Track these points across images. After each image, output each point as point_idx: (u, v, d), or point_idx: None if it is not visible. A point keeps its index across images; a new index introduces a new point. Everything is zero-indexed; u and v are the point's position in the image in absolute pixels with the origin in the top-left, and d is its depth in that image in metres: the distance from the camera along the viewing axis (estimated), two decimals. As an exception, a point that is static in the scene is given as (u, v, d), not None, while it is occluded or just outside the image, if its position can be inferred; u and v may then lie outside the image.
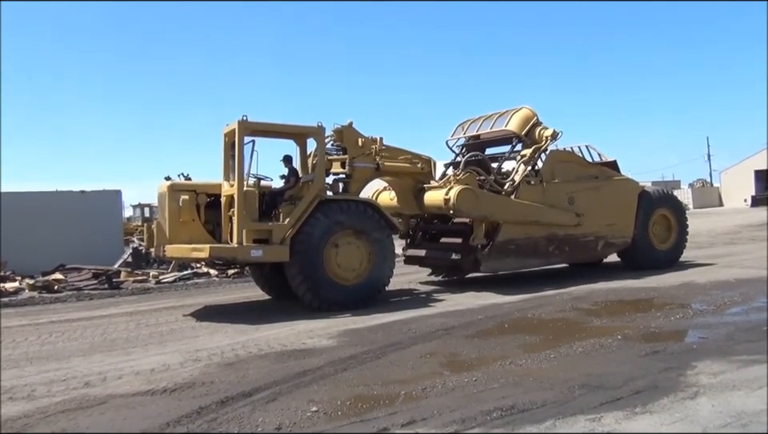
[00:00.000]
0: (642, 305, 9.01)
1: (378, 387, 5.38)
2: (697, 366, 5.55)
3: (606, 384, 5.10)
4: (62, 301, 12.37)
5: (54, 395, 5.54)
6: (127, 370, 6.33)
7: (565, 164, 12.34)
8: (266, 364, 6.36)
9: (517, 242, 11.48)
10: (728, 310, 8.30)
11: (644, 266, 12.68)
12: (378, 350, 6.78)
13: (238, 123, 9.53)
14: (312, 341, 7.43)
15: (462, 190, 10.76)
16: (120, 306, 11.36)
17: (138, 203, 39.74)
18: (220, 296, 12.19)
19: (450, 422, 4.36)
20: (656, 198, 13.40)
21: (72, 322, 9.64)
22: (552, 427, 4.18)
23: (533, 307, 9.20)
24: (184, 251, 9.66)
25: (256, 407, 4.92)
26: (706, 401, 4.57)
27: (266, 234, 9.51)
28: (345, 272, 9.79)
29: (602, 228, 12.42)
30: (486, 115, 13.28)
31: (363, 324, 8.38)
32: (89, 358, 7.02)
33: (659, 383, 5.06)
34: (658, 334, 7.05)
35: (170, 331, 8.50)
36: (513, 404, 4.66)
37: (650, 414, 4.35)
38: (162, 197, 10.05)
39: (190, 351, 7.10)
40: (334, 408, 4.83)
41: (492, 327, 7.89)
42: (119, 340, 8.00)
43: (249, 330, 8.30)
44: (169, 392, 5.47)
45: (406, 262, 12.91)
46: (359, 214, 10.00)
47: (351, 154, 10.68)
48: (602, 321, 7.98)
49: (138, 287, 13.89)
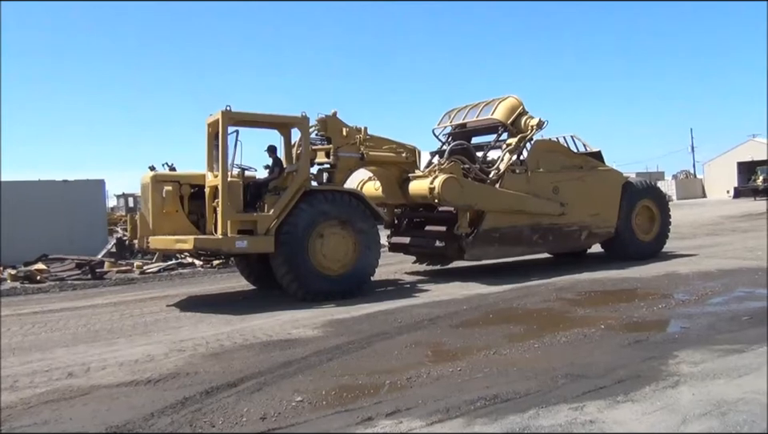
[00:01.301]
0: (625, 295, 9.10)
1: (363, 377, 5.39)
2: (678, 355, 5.62)
3: (588, 373, 5.15)
4: (45, 291, 12.26)
5: (37, 386, 5.50)
6: (111, 360, 6.30)
7: (550, 154, 12.40)
8: (251, 354, 6.36)
9: (501, 230, 11.52)
10: (710, 300, 8.40)
11: (627, 256, 12.79)
12: (363, 340, 6.79)
13: (222, 113, 9.47)
14: (297, 331, 7.43)
15: (447, 180, 10.76)
16: (104, 296, 11.28)
17: (121, 193, 39.34)
18: (205, 286, 12.15)
19: (434, 411, 4.39)
20: (639, 190, 13.51)
21: (55, 312, 9.57)
22: (535, 416, 4.21)
23: (518, 297, 9.26)
24: (168, 243, 9.59)
25: (241, 397, 4.91)
26: (687, 390, 4.63)
27: (250, 225, 9.47)
28: (330, 263, 9.78)
29: (585, 218, 12.51)
30: (473, 104, 13.30)
31: (348, 314, 8.39)
32: (72, 349, 6.97)
33: (641, 373, 5.11)
34: (641, 324, 7.12)
35: (154, 322, 8.46)
36: (497, 394, 4.69)
37: (632, 402, 4.41)
38: (146, 188, 9.97)
39: (175, 342, 7.08)
40: (318, 398, 4.84)
41: (477, 317, 7.93)
42: (103, 331, 7.96)
43: (234, 320, 8.29)
44: (153, 383, 5.45)
45: (390, 249, 12.92)
46: (344, 204, 9.98)
47: (335, 143, 10.66)
48: (586, 311, 8.05)
49: (121, 278, 13.79)
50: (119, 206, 38.69)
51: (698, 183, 65.99)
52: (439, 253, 11.99)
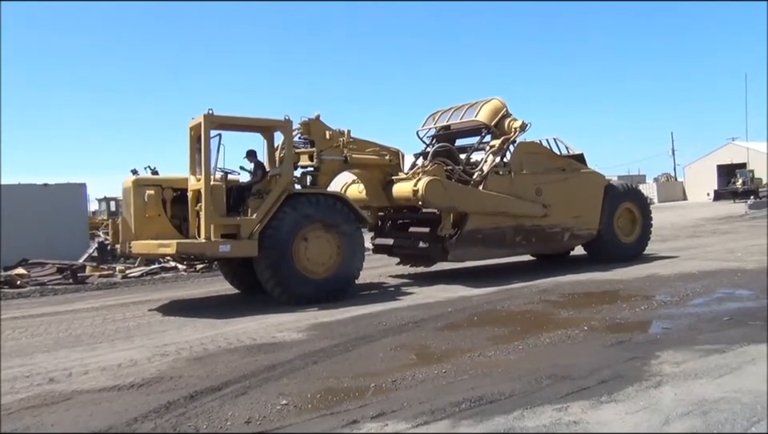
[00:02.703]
0: (607, 297, 9.17)
1: (348, 380, 5.38)
2: (660, 355, 5.67)
3: (572, 374, 5.18)
4: (25, 296, 12.11)
5: (18, 391, 5.43)
6: (93, 365, 6.23)
7: (533, 156, 12.45)
8: (236, 358, 6.33)
9: (484, 232, 11.56)
10: (691, 301, 8.49)
11: (609, 258, 12.89)
12: (347, 343, 6.78)
13: (204, 117, 9.40)
14: (282, 335, 7.41)
15: (430, 182, 10.78)
16: (85, 301, 11.16)
17: (103, 197, 38.96)
18: (188, 291, 12.06)
19: (419, 413, 4.39)
20: (621, 192, 13.63)
21: (35, 317, 9.45)
22: (520, 417, 4.23)
23: (501, 299, 9.30)
24: (151, 247, 9.51)
25: (225, 402, 4.89)
26: (669, 390, 4.68)
27: (233, 228, 9.41)
28: (314, 266, 9.76)
29: (568, 220, 12.59)
30: (457, 106, 13.36)
31: (333, 317, 8.37)
32: (53, 353, 6.89)
33: (624, 373, 5.16)
34: (623, 325, 7.19)
35: (137, 326, 8.39)
36: (481, 395, 4.71)
37: (615, 403, 4.44)
38: (127, 192, 9.89)
39: (158, 346, 7.02)
40: (303, 401, 4.83)
41: (461, 320, 7.95)
42: (84, 335, 7.87)
43: (218, 324, 8.24)
44: (136, 388, 5.40)
45: (374, 251, 12.91)
46: (328, 207, 9.96)
47: (319, 147, 10.64)
48: (569, 313, 8.10)
49: (103, 282, 13.65)
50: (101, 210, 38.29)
51: (678, 186, 66.80)
52: (423, 254, 12.00)
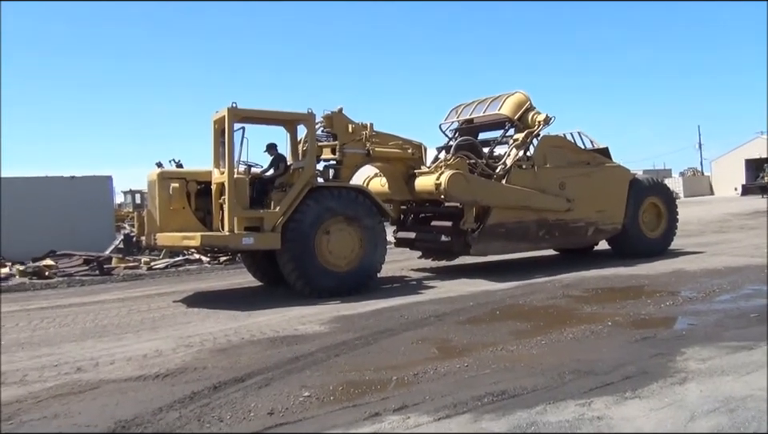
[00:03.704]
0: (632, 292, 9.07)
1: (370, 373, 5.40)
2: (686, 352, 5.60)
3: (596, 370, 5.14)
4: (53, 287, 12.33)
5: (46, 380, 5.53)
6: (119, 355, 6.33)
7: (557, 149, 12.33)
8: (259, 350, 6.38)
9: (507, 226, 11.49)
10: (717, 297, 8.36)
11: (634, 253, 12.72)
12: (369, 336, 6.80)
13: (228, 110, 9.47)
14: (304, 327, 7.45)
15: (453, 175, 10.73)
16: (111, 292, 11.34)
17: (129, 189, 39.53)
18: (212, 283, 12.19)
19: (441, 407, 4.39)
20: (647, 186, 13.46)
21: (63, 308, 9.62)
22: (542, 411, 4.21)
23: (524, 294, 9.24)
24: (175, 240, 9.60)
25: (248, 393, 4.93)
26: (695, 386, 4.62)
27: (257, 221, 9.46)
28: (336, 259, 9.78)
29: (592, 214, 12.45)
30: (480, 99, 13.27)
31: (355, 311, 8.40)
32: (81, 343, 7.01)
33: (649, 369, 5.10)
34: (648, 320, 7.11)
35: (161, 317, 8.50)
36: (504, 390, 4.69)
37: (640, 399, 4.40)
38: (152, 185, 9.99)
39: (183, 337, 7.11)
40: (326, 394, 4.85)
41: (483, 314, 7.93)
42: (111, 326, 7.99)
43: (241, 316, 8.31)
44: (161, 378, 5.48)
45: (396, 245, 12.89)
46: (350, 200, 9.97)
47: (341, 140, 10.64)
48: (593, 308, 8.03)
49: (129, 274, 13.85)
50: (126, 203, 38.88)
51: (705, 181, 65.73)
52: (445, 248, 11.93)
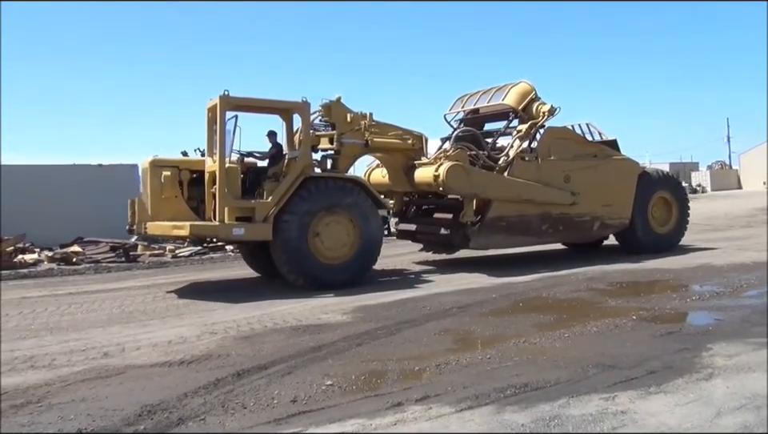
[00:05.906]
0: (657, 286, 8.97)
1: (392, 363, 5.42)
2: (712, 347, 5.53)
3: (620, 364, 5.10)
4: (81, 273, 12.55)
5: (74, 364, 5.64)
6: (145, 341, 6.43)
7: (562, 141, 12.02)
8: (281, 338, 6.43)
9: (508, 219, 11.26)
10: (744, 292, 8.24)
11: (642, 249, 12.41)
12: (391, 326, 6.82)
13: (220, 98, 9.29)
14: (326, 316, 7.49)
15: (452, 167, 10.52)
16: (137, 279, 11.50)
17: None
18: (236, 271, 12.29)
19: (463, 398, 4.39)
20: (656, 180, 13.08)
21: (90, 294, 9.79)
22: (565, 405, 4.19)
23: (547, 286, 9.19)
24: (165, 229, 9.48)
25: (272, 380, 4.98)
26: (721, 382, 4.56)
27: (248, 211, 9.27)
28: (330, 251, 9.57)
29: (598, 208, 12.14)
30: (485, 89, 13.01)
31: (376, 301, 8.42)
32: (107, 329, 7.13)
33: (674, 364, 5.05)
34: (673, 315, 7.03)
35: (186, 305, 8.60)
36: (526, 382, 4.68)
37: (665, 394, 4.35)
38: (144, 173, 9.96)
39: (206, 324, 7.19)
40: (348, 383, 4.88)
41: (506, 306, 7.90)
42: (136, 312, 8.12)
43: (263, 304, 8.38)
44: (186, 364, 5.55)
45: (398, 236, 12.77)
46: (345, 191, 9.77)
47: (339, 129, 10.42)
48: (617, 301, 7.96)
49: (154, 261, 14.06)
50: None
51: (733, 174, 64.72)
52: (444, 241, 11.75)
